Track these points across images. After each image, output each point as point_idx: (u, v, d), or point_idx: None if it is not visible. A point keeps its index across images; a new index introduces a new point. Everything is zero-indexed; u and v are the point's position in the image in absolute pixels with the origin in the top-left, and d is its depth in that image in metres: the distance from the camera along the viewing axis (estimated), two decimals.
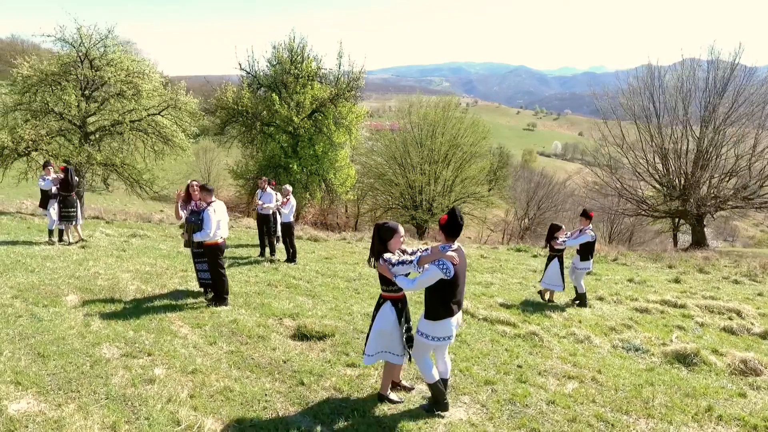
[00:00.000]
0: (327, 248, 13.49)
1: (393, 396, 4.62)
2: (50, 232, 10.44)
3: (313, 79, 22.29)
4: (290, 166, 21.77)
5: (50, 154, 19.31)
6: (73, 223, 10.52)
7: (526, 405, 4.72)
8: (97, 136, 21.07)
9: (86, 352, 5.03)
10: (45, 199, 10.50)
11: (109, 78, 19.60)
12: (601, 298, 9.43)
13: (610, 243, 53.27)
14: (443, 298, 4.12)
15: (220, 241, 6.70)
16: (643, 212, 27.13)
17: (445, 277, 3.96)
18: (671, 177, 24.40)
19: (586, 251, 8.68)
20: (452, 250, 4.08)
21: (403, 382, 4.89)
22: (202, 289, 7.45)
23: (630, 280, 11.57)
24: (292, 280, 8.87)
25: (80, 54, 19.54)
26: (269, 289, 8.09)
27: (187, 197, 7.10)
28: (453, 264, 3.98)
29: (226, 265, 9.67)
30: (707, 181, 23.52)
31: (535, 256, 15.31)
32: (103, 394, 4.26)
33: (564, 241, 8.72)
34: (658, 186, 25.26)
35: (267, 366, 5.13)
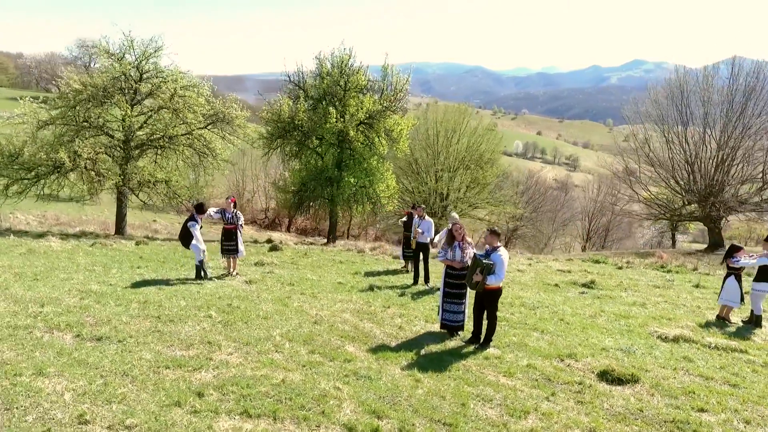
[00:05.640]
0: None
1: None
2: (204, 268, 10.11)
3: (361, 91, 22.13)
4: (344, 179, 21.53)
5: (100, 174, 18.32)
6: (236, 255, 10.26)
7: None
8: (138, 152, 20.11)
9: (467, 413, 4.97)
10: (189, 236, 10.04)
11: (162, 92, 18.81)
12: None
13: (588, 240, 55.47)
14: None
15: (501, 284, 6.70)
16: (662, 216, 28.53)
17: None
18: (693, 182, 25.76)
19: (764, 273, 9.18)
20: None
21: None
22: (443, 330, 7.42)
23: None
24: None
25: (132, 67, 18.66)
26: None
27: (451, 238, 7.11)
28: None
29: (395, 295, 9.66)
30: (729, 185, 25.02)
31: (620, 268, 15.95)
32: None
33: (737, 261, 9.24)
34: (679, 191, 26.61)
35: (637, 416, 5.22)
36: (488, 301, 6.72)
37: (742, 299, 9.37)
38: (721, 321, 9.34)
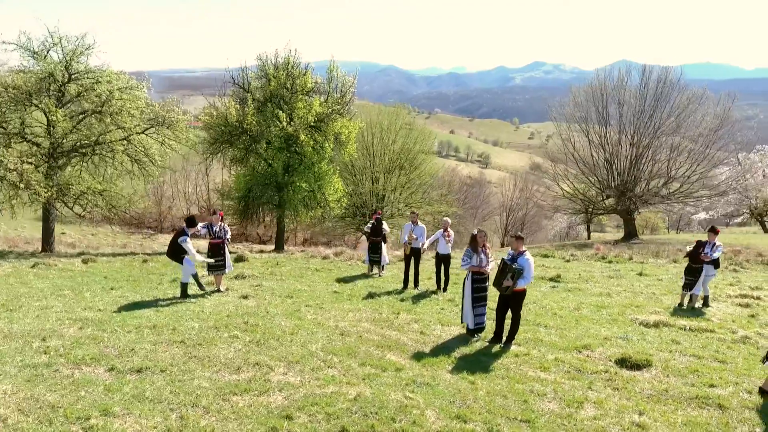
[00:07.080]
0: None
1: None
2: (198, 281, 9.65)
3: (308, 94, 21.94)
4: (294, 184, 21.22)
5: (30, 186, 16.53)
6: (224, 271, 9.85)
7: None
8: (64, 160, 18.41)
9: (533, 409, 5.35)
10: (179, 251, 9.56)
11: (96, 94, 17.35)
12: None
13: (506, 234, 59.13)
14: None
15: (526, 286, 7.16)
16: (583, 210, 31.17)
17: None
18: (612, 179, 28.46)
19: (717, 261, 10.55)
20: None
21: None
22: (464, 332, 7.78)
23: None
24: None
25: (60, 68, 17.00)
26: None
27: (474, 245, 7.46)
28: None
29: (397, 301, 9.89)
30: (642, 181, 27.96)
31: (568, 261, 17.33)
32: None
33: (708, 254, 10.49)
34: (599, 187, 29.25)
35: (666, 396, 5.90)
36: (515, 302, 7.18)
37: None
38: (690, 307, 10.47)
